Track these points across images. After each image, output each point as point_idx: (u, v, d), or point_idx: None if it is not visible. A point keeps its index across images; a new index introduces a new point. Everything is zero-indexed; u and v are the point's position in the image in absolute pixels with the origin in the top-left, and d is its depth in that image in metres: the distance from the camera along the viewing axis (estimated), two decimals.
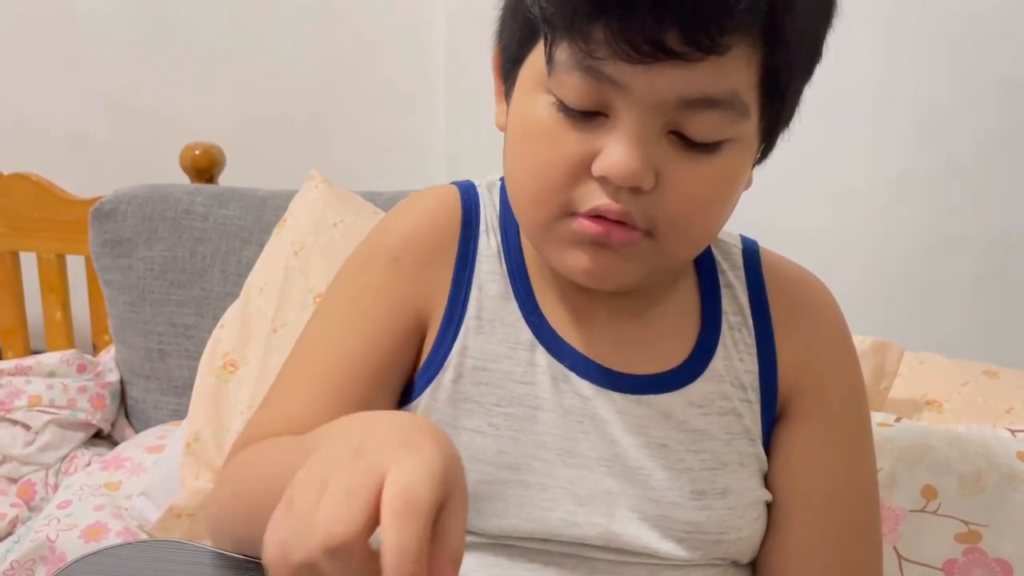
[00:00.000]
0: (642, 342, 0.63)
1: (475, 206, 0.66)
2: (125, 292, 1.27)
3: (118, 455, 1.09)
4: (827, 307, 0.67)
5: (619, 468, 0.60)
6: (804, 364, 0.64)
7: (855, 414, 0.66)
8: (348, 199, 1.16)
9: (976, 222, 1.53)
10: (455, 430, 0.61)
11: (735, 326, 0.64)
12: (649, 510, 0.60)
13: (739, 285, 0.66)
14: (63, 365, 1.28)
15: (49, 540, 0.92)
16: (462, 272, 0.64)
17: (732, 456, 0.62)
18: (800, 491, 0.63)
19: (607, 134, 0.52)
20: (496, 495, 0.60)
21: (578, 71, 0.51)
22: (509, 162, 0.59)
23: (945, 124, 1.52)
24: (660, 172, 0.52)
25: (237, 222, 1.28)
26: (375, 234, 0.67)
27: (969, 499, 0.83)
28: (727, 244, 0.68)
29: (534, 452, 0.60)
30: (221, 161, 1.46)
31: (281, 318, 1.03)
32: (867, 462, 0.66)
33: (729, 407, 0.62)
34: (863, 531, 0.64)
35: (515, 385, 0.61)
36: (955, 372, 1.15)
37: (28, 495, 1.18)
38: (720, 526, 0.60)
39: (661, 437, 0.61)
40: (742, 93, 0.51)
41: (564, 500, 0.60)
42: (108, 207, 1.28)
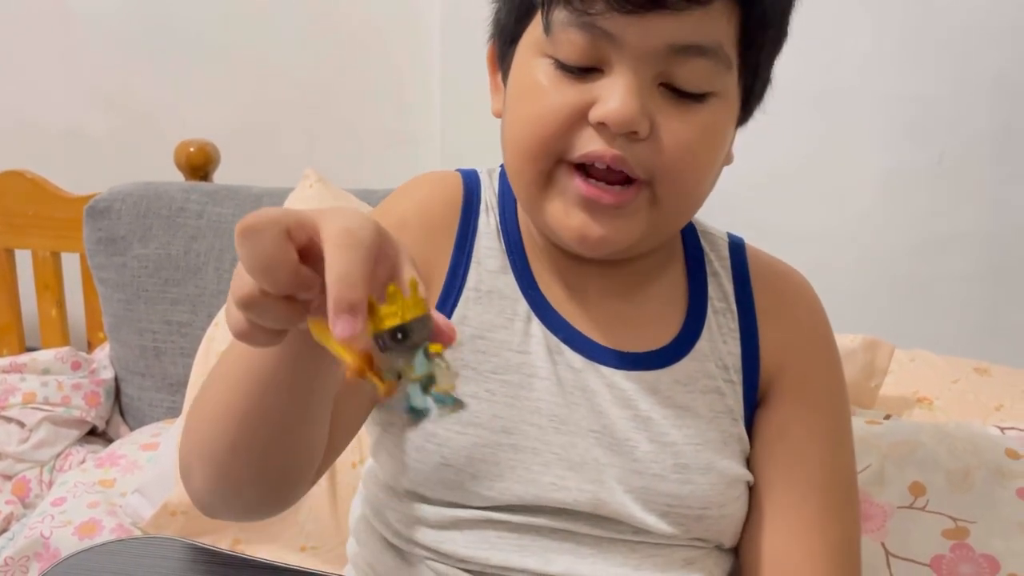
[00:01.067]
0: (631, 321, 0.66)
1: (476, 188, 0.69)
2: (119, 290, 1.28)
3: (113, 452, 1.09)
4: (808, 299, 0.70)
5: (607, 439, 0.62)
6: (785, 350, 0.67)
7: (835, 399, 0.68)
8: (343, 198, 1.17)
9: (968, 220, 1.54)
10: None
11: (720, 311, 0.67)
12: (634, 481, 0.62)
13: (724, 273, 0.69)
14: (58, 362, 1.28)
15: (43, 537, 0.92)
16: (462, 247, 0.66)
17: (715, 434, 0.64)
18: (781, 473, 0.65)
19: (604, 85, 0.56)
20: (490, 458, 0.62)
21: (574, 28, 0.55)
22: (507, 127, 0.62)
23: (937, 122, 1.53)
24: (653, 120, 0.56)
25: (232, 220, 1.28)
26: (383, 204, 0.70)
27: (957, 495, 0.83)
28: (714, 236, 0.71)
29: (528, 418, 0.62)
30: (216, 158, 1.47)
31: None
32: (846, 446, 0.68)
33: (713, 386, 0.65)
34: (843, 514, 0.66)
35: (511, 354, 0.63)
36: (946, 369, 1.15)
37: (23, 492, 1.18)
38: (702, 501, 0.62)
39: (647, 411, 0.63)
40: (725, 46, 0.56)
41: (555, 465, 0.62)
42: (102, 205, 1.29)
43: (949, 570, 0.81)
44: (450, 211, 0.67)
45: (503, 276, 0.66)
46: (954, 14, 1.50)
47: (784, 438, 0.66)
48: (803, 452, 0.65)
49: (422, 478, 0.63)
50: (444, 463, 0.62)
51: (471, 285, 0.65)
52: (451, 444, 0.62)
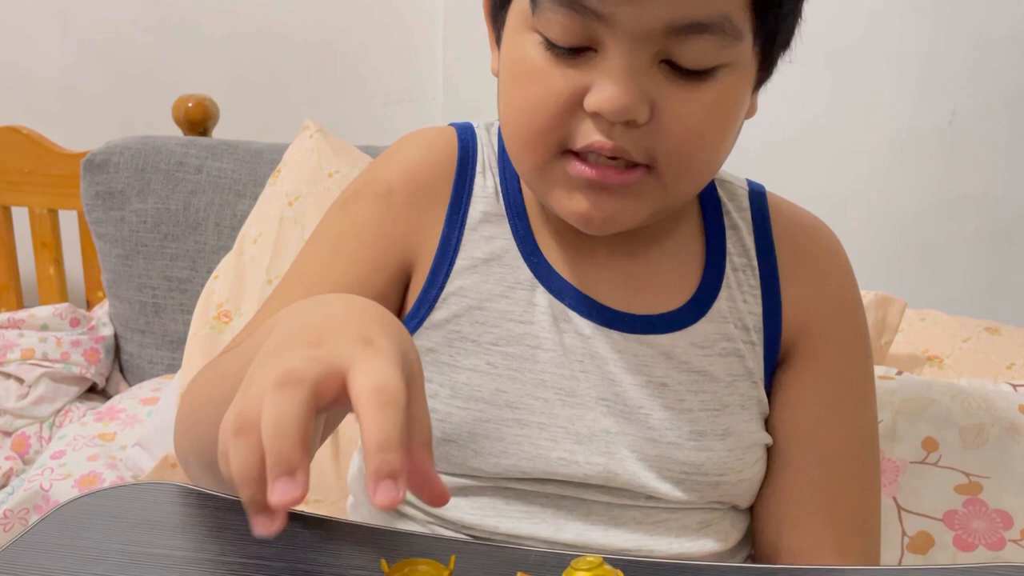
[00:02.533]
0: (643, 282, 0.62)
1: (472, 147, 0.65)
2: (118, 245, 1.26)
3: (112, 407, 1.08)
4: (834, 253, 0.66)
5: (619, 407, 0.60)
6: (809, 308, 0.63)
7: (858, 361, 0.65)
8: (343, 149, 1.14)
9: (980, 181, 1.52)
10: (452, 368, 0.60)
11: (740, 268, 0.63)
12: (648, 450, 0.59)
13: (745, 226, 0.64)
14: (56, 318, 1.27)
15: (43, 489, 0.91)
16: (456, 213, 0.62)
17: (733, 398, 0.61)
18: (801, 436, 0.63)
19: (598, 68, 0.51)
20: (493, 434, 0.59)
21: (562, 7, 0.50)
22: (502, 105, 0.57)
23: (950, 81, 1.50)
24: (654, 103, 0.51)
25: (231, 175, 1.26)
26: (370, 168, 0.66)
27: (970, 451, 0.82)
28: (732, 185, 0.66)
29: (532, 391, 0.60)
30: (215, 114, 1.44)
31: (276, 269, 1.02)
32: (869, 409, 0.65)
33: (732, 348, 0.61)
34: (863, 477, 0.64)
35: (513, 324, 0.61)
36: (956, 328, 1.14)
37: (22, 448, 1.17)
38: (719, 467, 0.60)
39: (662, 377, 0.60)
40: (733, 15, 0.50)
41: (563, 439, 0.59)
42: (100, 158, 1.26)
43: (962, 525, 0.80)
44: (442, 174, 0.63)
45: (502, 242, 0.62)
46: None
47: (805, 401, 0.63)
48: (825, 415, 0.63)
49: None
50: (446, 439, 0.60)
51: (466, 253, 0.61)
52: (452, 420, 0.59)
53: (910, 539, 0.80)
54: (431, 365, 0.61)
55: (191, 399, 0.60)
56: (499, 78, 0.58)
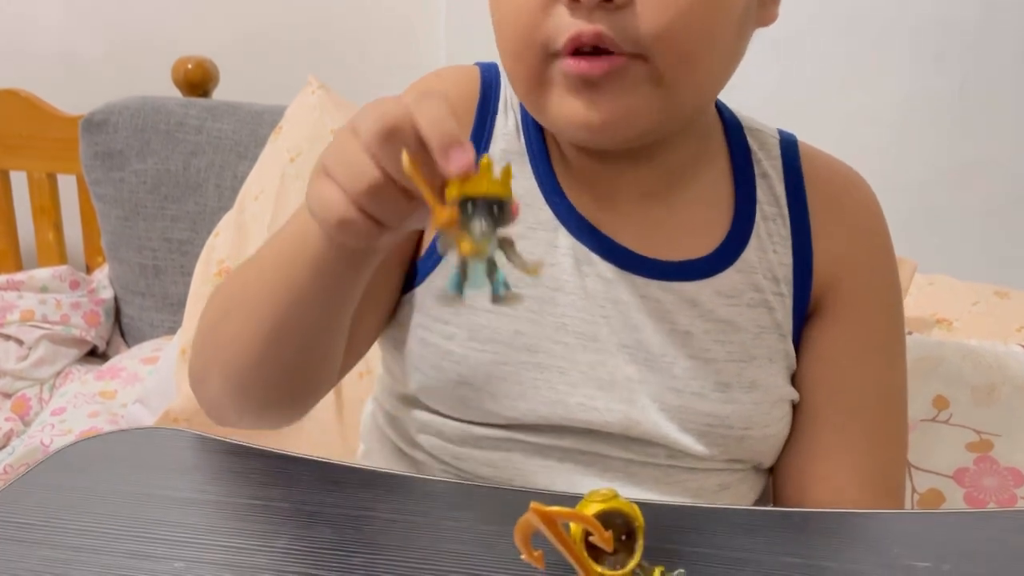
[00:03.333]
0: (670, 227, 0.60)
1: (495, 85, 0.63)
2: (117, 206, 1.24)
3: (113, 365, 1.08)
4: (868, 204, 0.63)
5: (642, 355, 0.58)
6: (841, 260, 0.61)
7: (890, 315, 0.63)
8: (346, 106, 1.13)
9: (990, 148, 1.50)
10: (470, 309, 0.59)
11: (770, 216, 0.61)
12: (670, 400, 0.58)
13: (775, 175, 0.62)
14: (56, 280, 1.26)
15: (43, 445, 0.91)
16: (477, 146, 0.61)
17: (761, 350, 0.59)
18: (829, 389, 0.61)
19: None
20: (511, 377, 0.58)
21: None
22: (494, 31, 0.56)
23: (961, 47, 1.48)
24: None
25: (232, 136, 1.24)
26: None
27: (982, 409, 0.82)
28: (763, 134, 0.64)
29: (553, 335, 0.58)
30: (215, 76, 1.42)
31: (277, 225, 0.99)
32: (899, 364, 0.63)
33: (760, 299, 0.59)
34: (891, 432, 0.63)
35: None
36: (965, 292, 1.13)
37: (22, 410, 1.17)
38: (745, 420, 0.58)
39: (686, 325, 0.58)
40: None
41: (583, 384, 0.58)
42: (99, 118, 1.25)
43: (973, 482, 0.79)
44: (464, 110, 0.61)
45: (523, 182, 0.60)
46: None
47: (835, 356, 0.61)
48: (854, 371, 0.61)
49: (439, 395, 0.60)
50: (462, 381, 0.58)
51: None
52: (468, 361, 0.58)
53: (920, 496, 0.79)
54: (447, 309, 0.60)
55: (218, 304, 0.59)
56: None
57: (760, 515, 0.54)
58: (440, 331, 0.59)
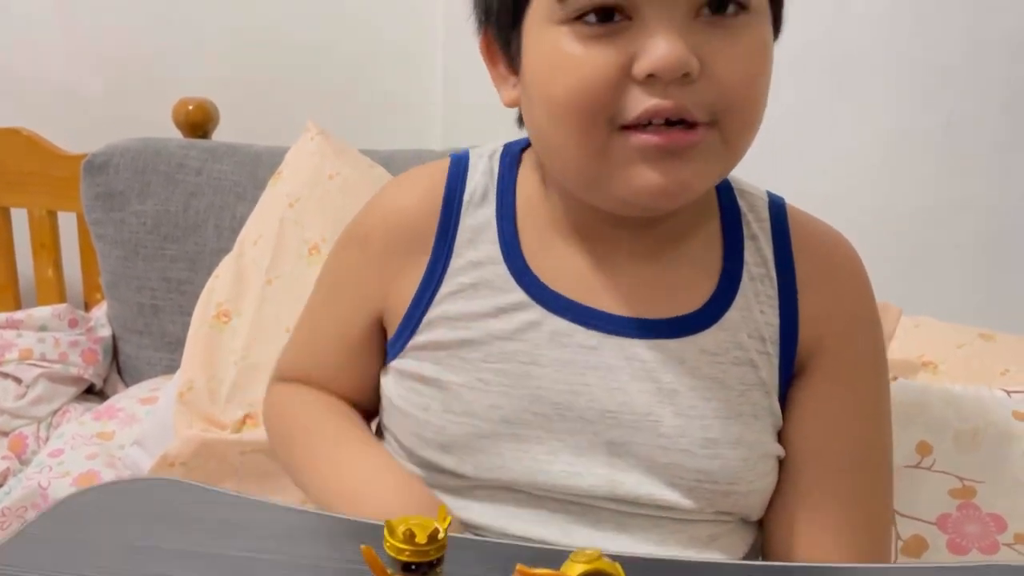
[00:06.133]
0: (660, 285, 0.62)
1: (461, 179, 0.66)
2: (117, 246, 1.26)
3: (111, 406, 1.08)
4: (853, 267, 0.66)
5: (626, 418, 0.60)
6: (827, 321, 0.63)
7: (874, 375, 0.65)
8: (345, 151, 1.15)
9: (975, 186, 1.52)
10: (441, 385, 0.61)
11: (757, 277, 0.63)
12: (658, 458, 0.59)
13: (764, 237, 0.64)
14: (55, 319, 1.27)
15: (41, 487, 0.91)
16: (442, 242, 0.64)
17: (746, 407, 0.61)
18: (814, 449, 0.62)
19: (638, 35, 0.52)
20: (490, 448, 0.60)
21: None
22: (539, 109, 0.57)
23: (946, 85, 1.50)
24: (702, 56, 0.52)
25: (231, 177, 1.26)
26: (360, 213, 0.70)
27: (964, 455, 0.83)
28: (753, 196, 0.67)
29: (529, 406, 0.60)
30: (215, 117, 1.44)
31: (275, 269, 1.02)
32: (884, 423, 0.65)
33: (745, 357, 0.61)
34: (876, 491, 0.64)
35: (504, 343, 0.61)
36: (951, 335, 1.14)
37: (19, 448, 1.17)
38: (731, 476, 0.60)
39: (672, 383, 0.60)
40: None
41: (562, 453, 0.60)
42: (100, 160, 1.27)
43: (955, 529, 0.80)
44: (426, 212, 0.65)
45: (493, 267, 0.62)
46: None
47: (820, 413, 0.63)
48: (839, 428, 0.63)
49: (427, 455, 0.62)
50: (444, 449, 0.61)
51: (452, 280, 0.63)
52: (447, 431, 0.60)
53: (904, 543, 0.81)
54: (419, 381, 0.62)
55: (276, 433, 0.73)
56: (528, 94, 0.58)
57: (745, 570, 0.55)
58: (416, 402, 0.62)
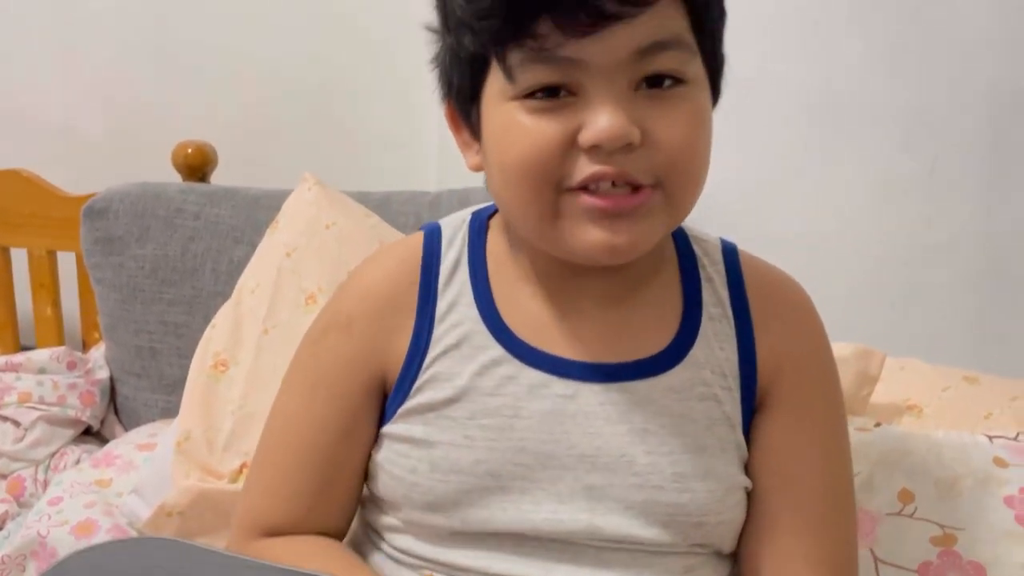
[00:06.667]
0: (626, 329, 0.66)
1: (436, 249, 0.69)
2: (116, 290, 1.28)
3: (109, 452, 1.10)
4: (803, 303, 0.70)
5: (602, 460, 0.63)
6: (782, 355, 0.67)
7: (830, 407, 0.69)
8: (341, 201, 1.17)
9: (960, 228, 1.54)
10: (429, 445, 0.64)
11: (715, 317, 0.67)
12: (634, 496, 0.62)
13: (719, 279, 0.69)
14: (53, 362, 1.28)
15: (40, 536, 0.93)
16: (424, 311, 0.66)
17: (712, 441, 0.64)
18: (779, 479, 0.66)
19: (583, 109, 0.56)
20: (477, 502, 0.62)
21: (537, 65, 0.56)
22: (496, 174, 0.61)
23: (930, 130, 1.54)
24: (643, 126, 0.56)
25: (229, 221, 1.28)
26: (334, 299, 0.71)
27: (945, 503, 0.84)
28: (707, 243, 0.71)
29: (512, 458, 0.63)
30: (213, 160, 1.47)
31: (272, 319, 1.04)
32: (842, 455, 0.69)
33: (709, 393, 0.65)
34: (840, 521, 0.67)
35: (488, 399, 0.64)
36: (936, 378, 1.16)
37: (17, 491, 1.19)
38: (701, 508, 0.63)
39: (643, 423, 0.63)
40: (683, 35, 0.57)
41: (546, 501, 0.62)
42: (100, 205, 1.29)
43: None
44: (405, 282, 0.68)
45: (473, 326, 0.66)
46: (946, 23, 1.51)
47: (781, 445, 0.66)
48: (800, 459, 0.66)
49: (413, 514, 0.65)
50: (431, 508, 0.63)
51: (436, 343, 0.65)
52: (436, 491, 0.63)
53: None
54: (407, 444, 0.65)
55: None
56: (487, 161, 0.62)
57: None
58: (404, 464, 0.64)
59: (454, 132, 0.67)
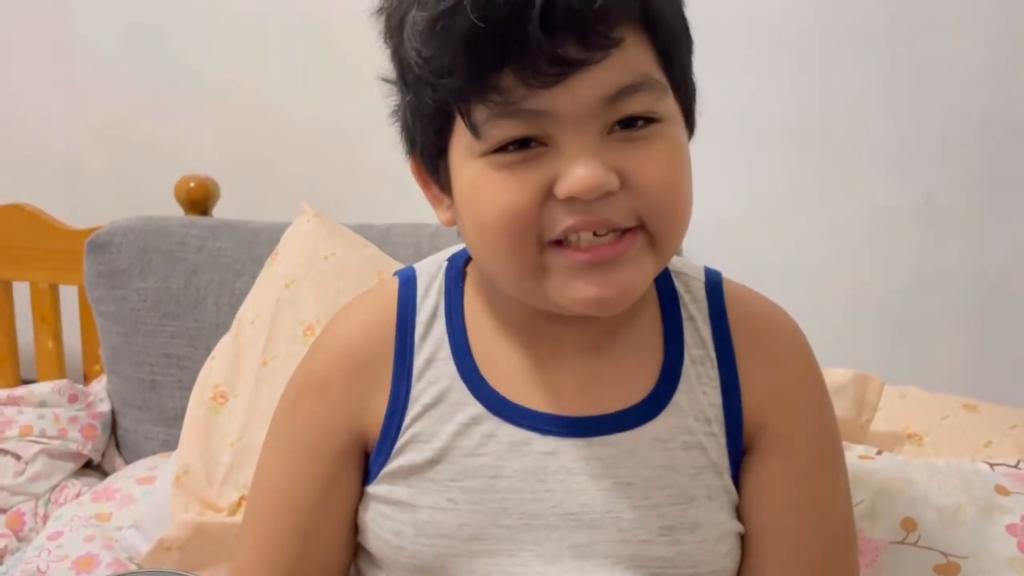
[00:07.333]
0: (607, 378, 0.64)
1: (412, 298, 0.67)
2: (118, 323, 1.28)
3: (108, 486, 1.09)
4: (793, 341, 0.67)
5: (588, 518, 0.61)
6: (770, 399, 0.64)
7: (825, 449, 0.66)
8: (339, 232, 1.18)
9: (956, 258, 1.55)
10: (413, 508, 0.63)
11: (697, 360, 0.64)
12: (621, 551, 0.61)
13: (701, 317, 0.66)
14: (55, 395, 1.29)
15: (40, 571, 0.92)
16: (402, 366, 0.64)
17: (699, 490, 0.62)
18: (771, 524, 0.64)
19: (556, 159, 0.54)
20: (464, 566, 0.61)
21: (502, 119, 0.53)
22: (472, 232, 0.58)
23: (925, 161, 1.55)
24: (620, 170, 0.54)
25: (231, 254, 1.29)
26: (307, 359, 0.69)
27: (948, 531, 0.84)
28: (688, 277, 0.68)
29: (496, 520, 0.61)
30: (215, 193, 1.48)
31: (271, 351, 1.04)
32: (839, 496, 0.66)
33: (694, 441, 0.63)
34: (838, 560, 0.65)
35: (468, 459, 0.62)
36: (935, 406, 1.16)
37: (17, 526, 1.18)
38: (691, 560, 0.61)
39: (627, 476, 0.61)
40: (652, 73, 0.55)
41: (533, 562, 0.61)
42: (103, 239, 1.30)
43: None
44: (380, 338, 0.65)
45: (451, 383, 0.63)
46: (940, 55, 1.53)
47: (772, 488, 0.64)
48: (792, 501, 0.64)
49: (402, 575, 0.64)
50: (420, 570, 0.62)
51: (415, 402, 0.64)
52: (422, 556, 0.62)
53: None
54: (391, 506, 0.64)
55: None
56: (461, 218, 0.60)
57: None
58: (389, 527, 0.63)
59: (422, 187, 0.64)
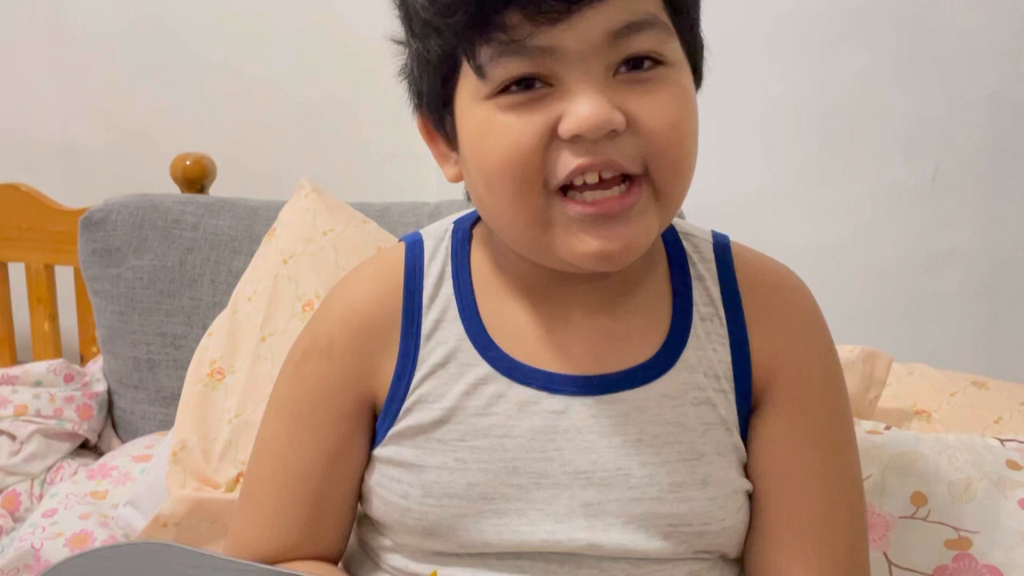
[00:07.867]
0: (616, 337, 0.63)
1: (419, 262, 0.67)
2: (114, 301, 1.27)
3: (104, 464, 1.08)
4: (800, 297, 0.67)
5: (598, 476, 0.60)
6: (778, 354, 0.64)
7: (832, 403, 0.66)
8: (338, 208, 1.16)
9: (964, 236, 1.55)
10: (421, 469, 0.62)
11: (707, 317, 0.65)
12: (632, 510, 0.60)
13: (710, 277, 0.66)
14: (50, 374, 1.27)
15: (34, 548, 0.91)
16: (410, 328, 0.64)
17: (709, 446, 0.62)
18: (779, 480, 0.63)
19: (561, 98, 0.53)
20: (472, 526, 0.60)
21: (508, 58, 0.53)
22: (477, 179, 0.58)
23: (932, 139, 1.54)
24: (626, 110, 0.53)
25: (228, 232, 1.28)
26: (314, 320, 0.68)
27: (959, 506, 0.83)
28: (697, 239, 0.68)
29: (506, 479, 0.61)
30: (212, 172, 1.46)
31: (269, 326, 1.03)
32: (847, 451, 0.66)
33: (703, 397, 0.62)
34: (845, 521, 0.64)
35: (477, 419, 0.61)
36: (944, 383, 1.15)
37: (12, 506, 1.17)
38: (702, 517, 0.60)
39: (636, 433, 0.61)
40: (658, 14, 0.55)
41: (543, 521, 0.60)
42: (98, 216, 1.28)
43: None
44: (388, 302, 0.65)
45: (459, 343, 0.63)
46: (948, 33, 1.52)
47: (779, 446, 0.64)
48: (799, 459, 0.63)
49: (408, 539, 0.63)
50: (426, 533, 0.62)
51: (424, 362, 0.63)
52: (430, 517, 0.61)
53: None
54: (398, 467, 0.63)
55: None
56: (467, 169, 0.60)
57: None
58: (396, 489, 0.62)
59: (429, 144, 0.64)
